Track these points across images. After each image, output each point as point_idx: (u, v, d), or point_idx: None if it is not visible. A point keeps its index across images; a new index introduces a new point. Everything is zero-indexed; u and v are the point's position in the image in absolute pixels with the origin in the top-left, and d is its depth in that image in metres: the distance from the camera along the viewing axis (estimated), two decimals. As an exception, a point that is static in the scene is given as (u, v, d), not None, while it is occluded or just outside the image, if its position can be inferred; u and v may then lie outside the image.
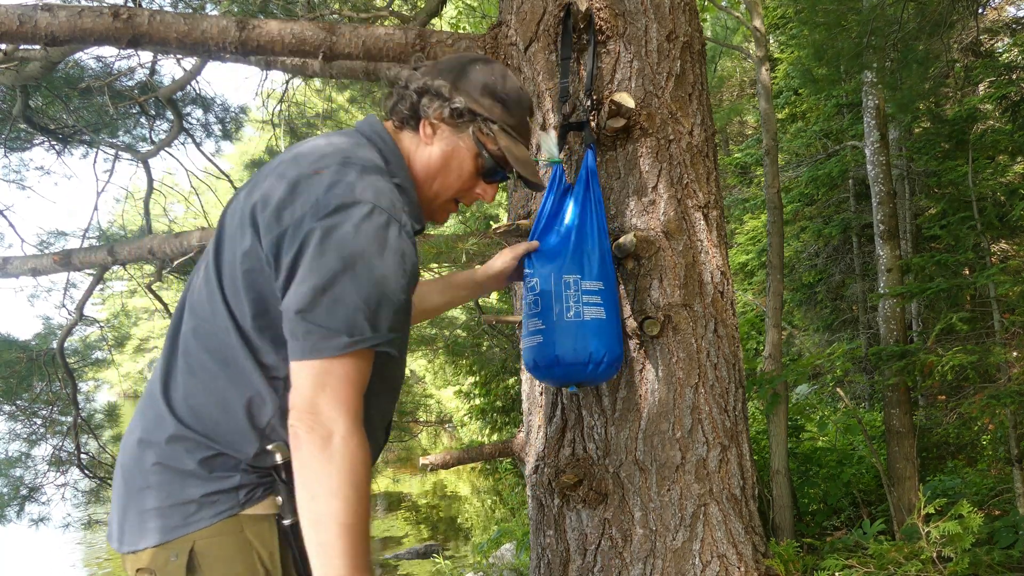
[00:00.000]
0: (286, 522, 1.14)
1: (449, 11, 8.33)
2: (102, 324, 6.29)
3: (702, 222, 2.11)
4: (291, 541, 1.14)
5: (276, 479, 1.14)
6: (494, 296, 7.86)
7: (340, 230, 1.06)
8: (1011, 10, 8.63)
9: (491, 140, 1.28)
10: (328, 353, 1.05)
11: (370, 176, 1.13)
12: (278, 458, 1.14)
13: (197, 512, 1.12)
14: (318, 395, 1.05)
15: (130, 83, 4.84)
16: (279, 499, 1.14)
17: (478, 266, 1.51)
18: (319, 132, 7.31)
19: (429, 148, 1.28)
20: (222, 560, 1.12)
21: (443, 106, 1.25)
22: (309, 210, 1.08)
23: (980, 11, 5.98)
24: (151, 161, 4.60)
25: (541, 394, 2.14)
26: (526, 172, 1.31)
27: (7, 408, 4.75)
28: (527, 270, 1.86)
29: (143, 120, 5.12)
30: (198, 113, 5.43)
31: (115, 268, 3.94)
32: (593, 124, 2.03)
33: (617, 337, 1.83)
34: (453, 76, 1.28)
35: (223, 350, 1.16)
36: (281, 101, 5.89)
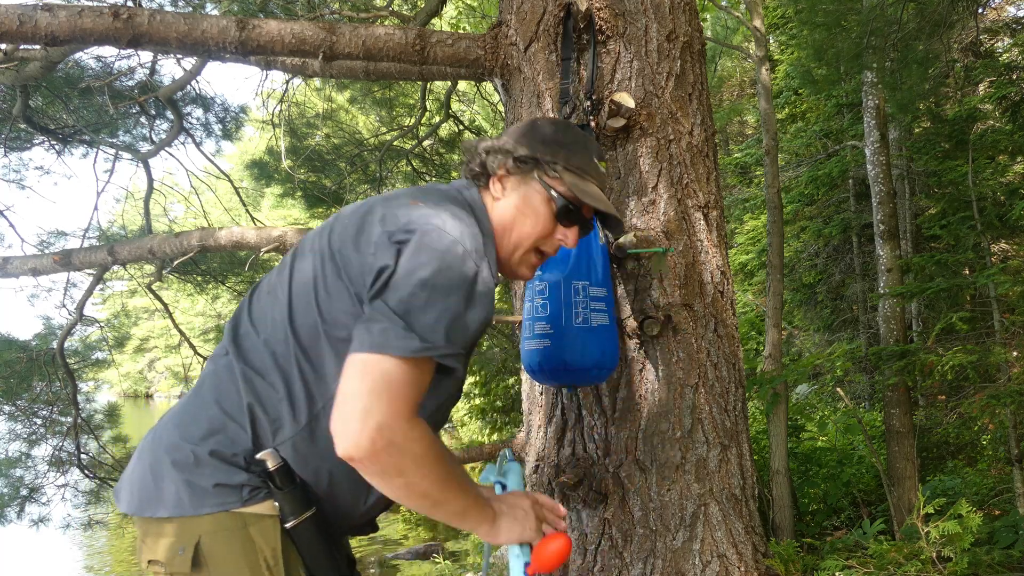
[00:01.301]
0: (288, 524, 1.16)
1: (449, 11, 8.33)
2: (102, 324, 6.29)
3: (702, 222, 2.11)
4: (295, 541, 1.17)
5: (272, 486, 1.17)
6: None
7: (425, 253, 1.11)
8: (1011, 10, 8.63)
9: (559, 181, 1.32)
10: (397, 352, 1.07)
11: (463, 220, 1.19)
12: (269, 465, 1.16)
13: (205, 498, 1.15)
14: (357, 392, 1.07)
15: (130, 83, 4.84)
16: (276, 504, 1.17)
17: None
18: (319, 132, 7.32)
19: (502, 202, 1.33)
20: (226, 556, 1.14)
21: (506, 159, 1.32)
22: (402, 226, 1.15)
23: (980, 11, 5.98)
24: (151, 161, 4.60)
25: (541, 394, 2.14)
26: (598, 205, 1.33)
27: (7, 408, 4.75)
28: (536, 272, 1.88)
29: (143, 120, 5.12)
30: (198, 113, 5.43)
31: (115, 268, 3.94)
32: (593, 124, 2.03)
33: (616, 341, 1.86)
34: (518, 134, 1.35)
35: (295, 351, 1.20)
36: (281, 101, 5.88)
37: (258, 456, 1.16)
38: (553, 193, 1.32)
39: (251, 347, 1.22)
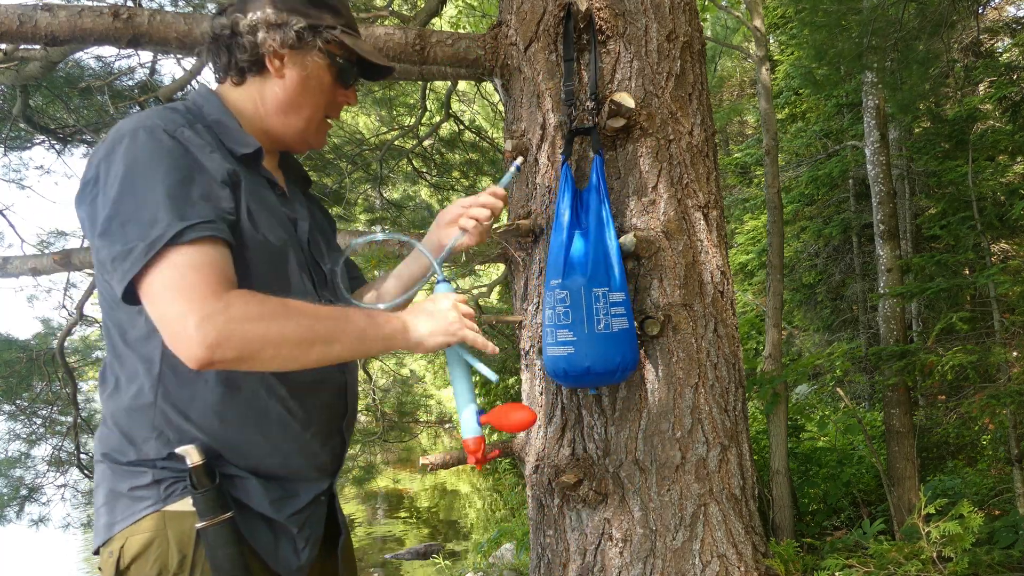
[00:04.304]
0: (197, 526, 1.09)
1: (449, 11, 8.33)
2: (102, 324, 6.28)
3: (702, 222, 2.11)
4: (206, 546, 1.09)
5: (188, 483, 1.10)
6: (494, 296, 7.86)
7: (113, 164, 1.06)
8: (1011, 10, 8.63)
9: (336, 46, 1.26)
10: (137, 266, 1.01)
11: (139, 114, 1.13)
12: (189, 461, 1.09)
13: (130, 507, 1.11)
14: (156, 309, 1.02)
15: (130, 83, 4.84)
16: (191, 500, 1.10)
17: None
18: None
19: (282, 80, 1.24)
20: (142, 559, 1.09)
21: (283, 34, 1.22)
22: (92, 162, 1.10)
23: (980, 11, 5.98)
24: (151, 161, 4.58)
25: (541, 394, 2.14)
26: (378, 60, 1.31)
27: (7, 408, 4.75)
28: (554, 280, 1.89)
29: (143, 120, 5.11)
30: (198, 113, 5.41)
31: (115, 268, 3.93)
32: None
33: (636, 341, 1.89)
34: (274, 1, 1.24)
35: (110, 336, 1.18)
36: (281, 101, 5.86)
37: (178, 451, 1.09)
38: (337, 60, 1.27)
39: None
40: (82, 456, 4.91)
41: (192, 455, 1.09)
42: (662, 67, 2.10)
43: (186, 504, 1.10)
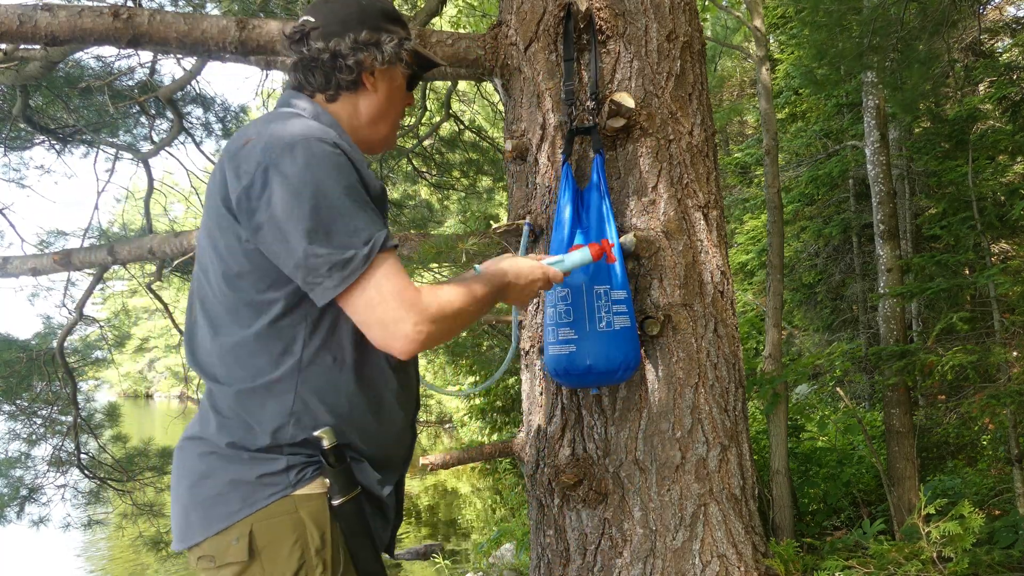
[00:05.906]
0: (335, 502, 1.18)
1: (449, 11, 8.33)
2: (102, 324, 6.28)
3: (702, 222, 2.11)
4: (342, 520, 1.19)
5: (324, 463, 1.19)
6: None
7: (288, 173, 1.13)
8: (1011, 10, 8.63)
9: (410, 55, 1.41)
10: (357, 272, 1.12)
11: (293, 122, 1.22)
12: (325, 443, 1.18)
13: (253, 494, 1.17)
14: (374, 312, 1.14)
15: (130, 83, 4.84)
16: (327, 480, 1.19)
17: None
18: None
19: (376, 94, 1.38)
20: (278, 542, 1.16)
21: (381, 53, 1.34)
22: (246, 168, 1.15)
23: (980, 11, 5.98)
24: (151, 161, 4.60)
25: (541, 394, 2.14)
26: (438, 61, 1.50)
27: (7, 408, 4.75)
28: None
29: (143, 120, 5.12)
30: (198, 112, 5.42)
31: (115, 268, 3.94)
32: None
33: (638, 339, 1.89)
34: (358, 20, 1.34)
35: (225, 332, 1.24)
36: (281, 101, 5.86)
37: (315, 433, 1.18)
38: (412, 69, 1.42)
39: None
40: (82, 456, 4.91)
41: (328, 436, 1.19)
42: (662, 67, 2.10)
43: (316, 487, 1.19)
